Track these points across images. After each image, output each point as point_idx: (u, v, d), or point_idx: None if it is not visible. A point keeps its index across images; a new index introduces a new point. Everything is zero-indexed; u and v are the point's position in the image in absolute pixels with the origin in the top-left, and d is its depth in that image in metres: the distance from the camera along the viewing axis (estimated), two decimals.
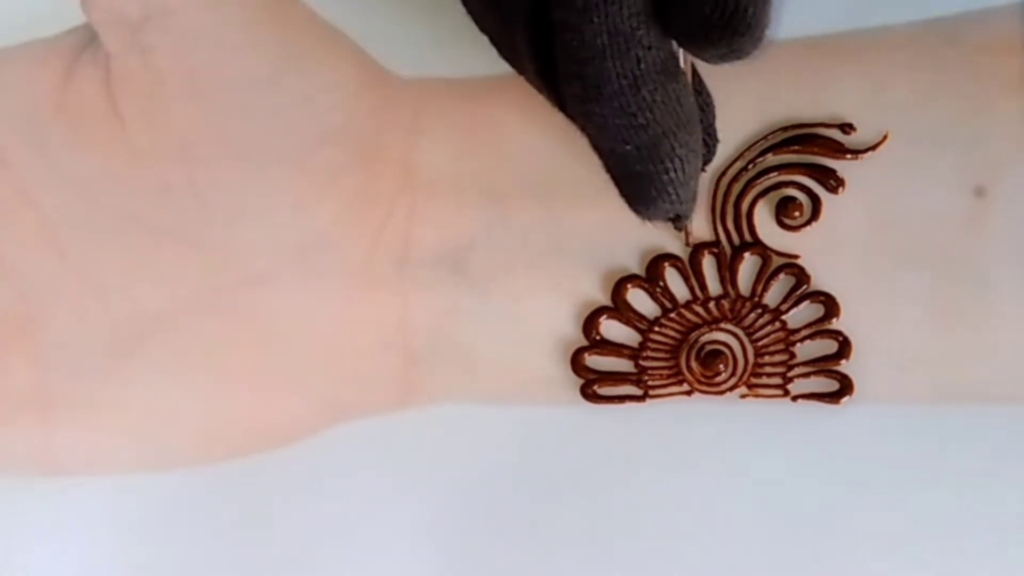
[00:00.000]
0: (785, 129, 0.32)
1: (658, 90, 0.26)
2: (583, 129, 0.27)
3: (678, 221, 0.29)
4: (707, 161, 0.30)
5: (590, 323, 0.32)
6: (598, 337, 0.32)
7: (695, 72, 0.30)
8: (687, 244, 0.32)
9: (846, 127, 0.31)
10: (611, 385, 0.32)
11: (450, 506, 0.33)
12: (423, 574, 0.32)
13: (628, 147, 0.26)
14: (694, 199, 0.28)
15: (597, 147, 0.27)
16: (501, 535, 0.32)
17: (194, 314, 0.32)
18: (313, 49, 0.31)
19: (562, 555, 0.32)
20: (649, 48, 0.25)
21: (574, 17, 0.25)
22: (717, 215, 0.32)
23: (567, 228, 0.32)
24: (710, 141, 0.30)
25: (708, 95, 0.30)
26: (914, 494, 0.31)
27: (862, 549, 0.31)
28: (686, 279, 0.32)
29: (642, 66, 0.25)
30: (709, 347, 0.32)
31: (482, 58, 0.33)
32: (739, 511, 0.32)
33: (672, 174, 0.27)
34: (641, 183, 0.27)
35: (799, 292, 0.31)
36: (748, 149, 0.32)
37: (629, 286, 0.32)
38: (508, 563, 0.32)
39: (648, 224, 0.29)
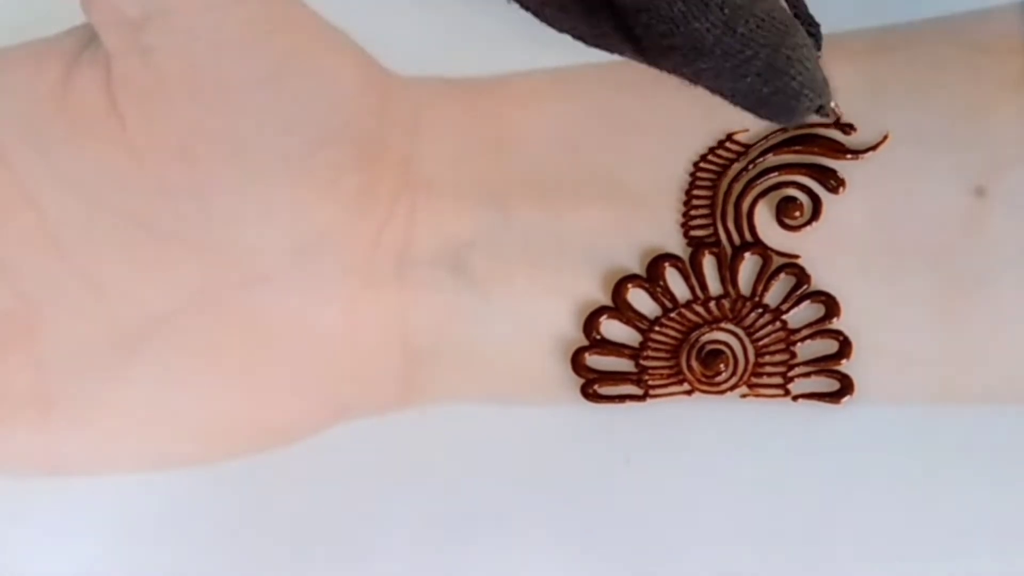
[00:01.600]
0: (785, 129, 0.32)
1: (751, 19, 0.25)
2: (697, 84, 0.27)
3: (821, 110, 0.28)
4: (818, 49, 0.29)
5: (590, 323, 0.32)
6: (598, 337, 0.32)
7: None
8: (839, 122, 0.31)
9: (846, 127, 0.31)
10: (611, 385, 0.32)
11: (450, 506, 0.33)
12: (423, 574, 0.32)
13: (748, 79, 0.26)
14: (827, 83, 0.28)
15: (718, 91, 0.27)
16: (501, 535, 0.32)
17: (194, 314, 0.32)
18: (313, 49, 0.31)
19: (562, 555, 0.32)
20: None
21: None
22: (717, 215, 0.32)
23: (567, 228, 0.32)
24: (814, 30, 0.30)
25: None
26: (914, 494, 0.31)
27: (862, 549, 0.31)
28: (686, 279, 0.32)
29: (726, 10, 0.25)
30: (709, 347, 0.32)
31: (482, 58, 0.33)
32: (739, 511, 0.32)
33: (799, 77, 0.26)
34: (776, 101, 0.27)
35: (799, 292, 0.31)
36: (748, 149, 0.32)
37: (629, 286, 0.32)
38: (508, 563, 0.32)
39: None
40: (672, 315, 0.32)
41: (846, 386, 0.31)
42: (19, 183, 0.32)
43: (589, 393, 0.32)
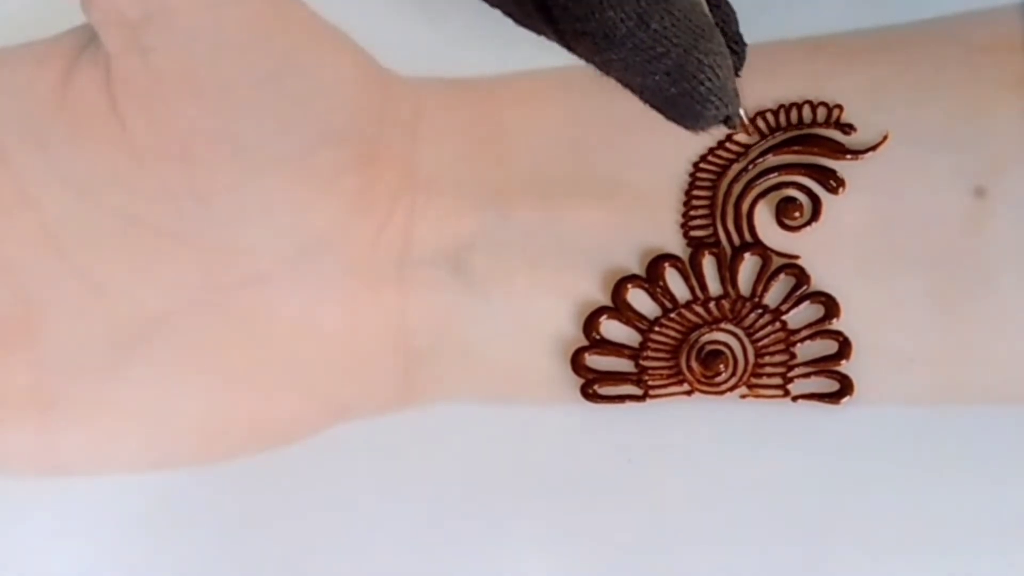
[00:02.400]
0: (785, 129, 0.32)
1: (666, 16, 0.25)
2: (607, 74, 0.27)
3: (729, 121, 0.28)
4: (739, 67, 0.29)
5: (590, 323, 0.32)
6: (598, 337, 0.32)
7: None
8: (749, 134, 0.31)
9: (846, 127, 0.31)
10: (611, 385, 0.32)
11: (450, 506, 0.33)
12: (422, 574, 0.32)
13: (656, 76, 0.26)
14: (737, 95, 0.28)
15: (627, 85, 0.27)
16: (501, 535, 0.32)
17: (194, 314, 0.32)
18: (313, 49, 0.31)
19: (562, 555, 0.32)
20: None
21: None
22: (717, 215, 0.32)
23: (567, 228, 0.32)
24: (738, 48, 0.29)
25: (726, 4, 0.29)
26: (914, 494, 0.31)
27: (862, 549, 0.31)
28: (686, 279, 0.32)
29: (642, 3, 0.25)
30: (709, 347, 0.32)
31: (482, 58, 0.33)
32: (739, 511, 0.32)
33: (708, 83, 0.26)
34: (683, 103, 0.27)
35: (799, 292, 0.31)
36: (748, 149, 0.32)
37: (629, 286, 0.32)
38: (508, 563, 0.32)
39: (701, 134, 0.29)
40: (672, 315, 0.32)
41: (846, 387, 0.31)
42: (19, 183, 0.32)
43: (589, 393, 0.32)
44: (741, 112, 0.29)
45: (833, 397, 0.31)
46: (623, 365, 0.32)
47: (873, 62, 0.32)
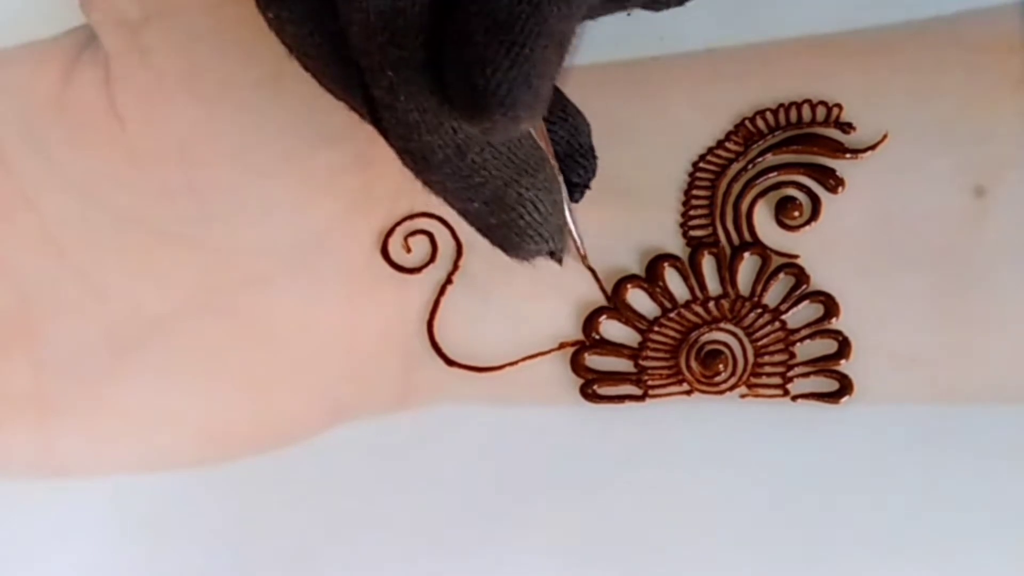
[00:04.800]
0: (784, 129, 0.32)
1: (486, 149, 0.25)
2: (432, 193, 0.26)
3: (553, 256, 0.28)
4: (586, 183, 0.30)
5: (590, 323, 0.32)
6: (598, 337, 0.32)
7: (560, 96, 0.29)
8: (586, 266, 0.31)
9: (846, 126, 0.31)
10: (611, 385, 0.32)
11: (449, 506, 0.33)
12: (422, 574, 0.32)
13: (475, 204, 0.26)
14: (561, 232, 0.28)
15: (451, 205, 0.27)
16: (501, 535, 0.32)
17: (194, 315, 0.32)
18: None
19: (562, 555, 0.32)
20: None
21: (387, 96, 0.24)
22: (716, 215, 0.32)
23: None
24: (587, 162, 0.30)
25: (576, 116, 0.30)
26: (914, 494, 0.31)
27: (862, 549, 0.31)
28: (686, 279, 0.32)
29: (461, 135, 0.25)
30: (709, 347, 0.32)
31: None
32: (739, 511, 0.32)
33: (527, 217, 0.26)
34: (501, 233, 0.27)
35: (799, 292, 0.31)
36: (747, 149, 0.32)
37: (629, 286, 0.32)
38: (507, 563, 0.32)
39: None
40: (671, 315, 0.32)
41: (845, 386, 0.31)
42: (19, 184, 0.32)
43: (588, 393, 0.32)
44: (580, 245, 0.30)
45: (832, 397, 0.31)
46: (623, 365, 0.32)
47: (873, 62, 0.32)
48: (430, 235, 0.32)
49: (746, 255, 0.31)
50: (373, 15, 0.23)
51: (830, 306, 0.31)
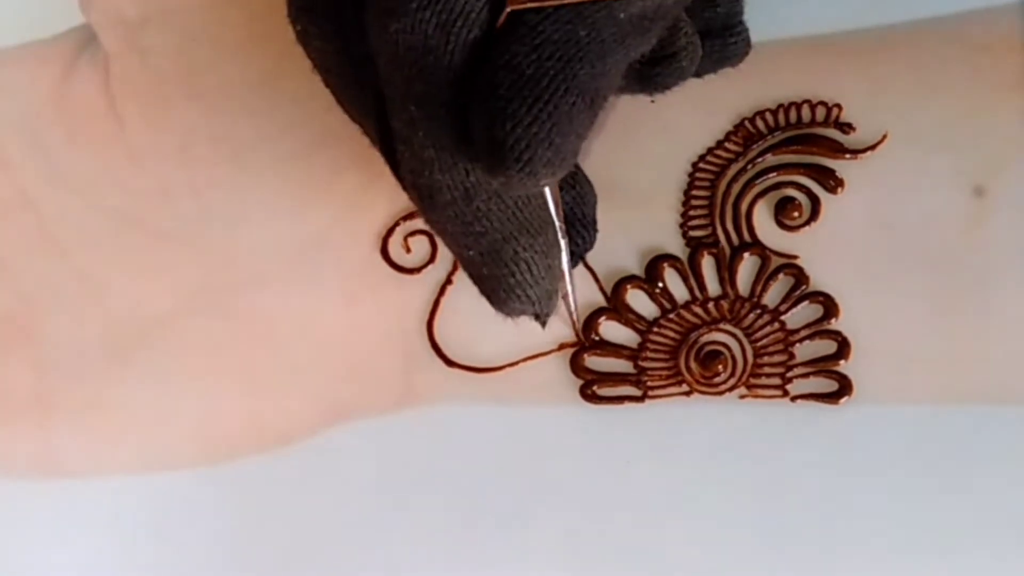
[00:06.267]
0: (784, 129, 0.32)
1: (493, 199, 0.25)
2: (432, 230, 0.26)
3: (539, 319, 0.28)
4: (582, 253, 0.30)
5: (589, 324, 0.32)
6: (597, 338, 0.32)
7: (576, 168, 0.29)
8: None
9: (845, 126, 0.31)
10: (610, 386, 0.32)
11: (449, 506, 0.33)
12: (422, 574, 0.32)
13: (471, 252, 0.26)
14: (551, 298, 0.28)
15: (448, 247, 0.27)
16: (500, 535, 0.32)
17: (194, 315, 0.32)
18: None
19: (562, 555, 0.32)
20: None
21: (405, 128, 0.24)
22: (716, 215, 0.32)
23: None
24: (587, 233, 0.30)
25: (584, 184, 0.30)
26: (914, 494, 0.31)
27: (862, 549, 0.31)
28: (685, 280, 0.32)
29: (472, 178, 0.24)
30: (708, 348, 0.32)
31: None
32: (738, 511, 0.32)
33: (518, 276, 0.26)
34: (490, 285, 0.27)
35: (798, 292, 0.31)
36: (747, 149, 0.32)
37: (628, 287, 0.32)
38: (507, 563, 0.32)
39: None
40: (671, 316, 0.32)
41: (845, 387, 0.31)
42: (18, 184, 0.32)
43: (588, 394, 0.32)
44: (574, 312, 0.30)
45: (832, 397, 0.31)
46: (622, 366, 0.32)
47: (873, 62, 0.32)
48: (430, 235, 0.32)
49: (746, 255, 0.31)
50: (403, 49, 0.23)
51: (829, 306, 0.31)
